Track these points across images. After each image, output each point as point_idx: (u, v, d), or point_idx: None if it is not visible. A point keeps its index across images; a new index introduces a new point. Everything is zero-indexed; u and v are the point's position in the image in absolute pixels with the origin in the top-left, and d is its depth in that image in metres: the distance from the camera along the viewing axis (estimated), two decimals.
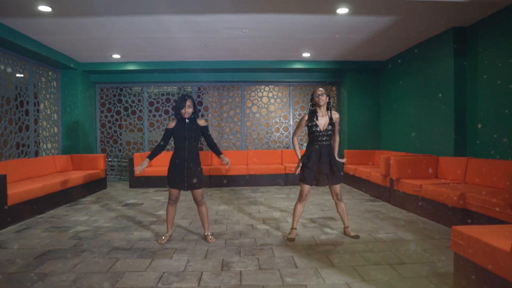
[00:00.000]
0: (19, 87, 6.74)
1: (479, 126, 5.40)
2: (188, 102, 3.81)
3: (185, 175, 3.85)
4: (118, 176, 9.22)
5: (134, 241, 4.08)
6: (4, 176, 4.68)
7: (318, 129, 3.96)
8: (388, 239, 4.05)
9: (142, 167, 3.75)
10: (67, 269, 3.26)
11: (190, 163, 3.85)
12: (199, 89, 9.32)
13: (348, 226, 4.22)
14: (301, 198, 4.08)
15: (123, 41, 6.58)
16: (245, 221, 4.96)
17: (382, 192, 6.25)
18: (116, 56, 7.60)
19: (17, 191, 4.92)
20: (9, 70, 6.40)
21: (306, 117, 4.04)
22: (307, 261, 3.37)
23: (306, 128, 4.21)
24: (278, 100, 9.35)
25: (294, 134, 4.16)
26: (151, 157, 3.91)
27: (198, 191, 3.94)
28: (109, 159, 9.16)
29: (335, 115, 4.06)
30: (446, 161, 5.61)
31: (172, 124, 3.91)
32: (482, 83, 5.37)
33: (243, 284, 2.89)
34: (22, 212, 5.03)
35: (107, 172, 9.07)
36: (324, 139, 3.98)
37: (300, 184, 4.07)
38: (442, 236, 4.13)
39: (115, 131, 9.20)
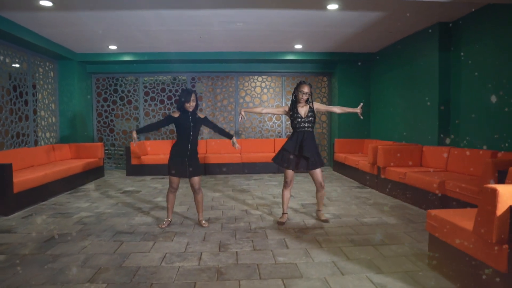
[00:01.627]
0: (18, 78, 6.89)
1: (457, 121, 5.73)
2: (193, 96, 4.06)
3: (187, 163, 4.12)
4: (115, 164, 9.44)
5: (136, 226, 4.35)
6: (10, 165, 4.90)
7: (299, 115, 4.20)
8: (373, 223, 4.38)
9: (135, 141, 4.14)
10: (76, 250, 3.53)
11: (192, 152, 4.13)
12: (193, 79, 9.50)
13: (320, 210, 4.51)
14: (285, 184, 4.33)
15: (120, 34, 6.74)
16: (240, 207, 5.26)
17: (370, 179, 6.58)
18: (112, 47, 7.76)
19: (22, 179, 5.14)
20: (7, 60, 6.54)
21: (287, 108, 4.35)
22: (298, 243, 3.68)
23: (288, 117, 4.43)
24: (271, 90, 9.59)
25: (266, 108, 4.47)
26: (139, 131, 4.20)
27: (196, 179, 4.22)
28: (106, 148, 9.37)
29: (316, 104, 4.36)
30: (430, 150, 5.94)
31: (176, 114, 4.12)
32: (465, 76, 5.67)
33: (239, 263, 3.19)
34: (27, 199, 5.27)
35: (104, 161, 9.29)
36: (305, 125, 4.20)
37: (284, 171, 4.29)
38: (422, 220, 4.47)
39: (111, 121, 9.39)
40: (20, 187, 5.09)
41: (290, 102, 4.37)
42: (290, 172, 4.26)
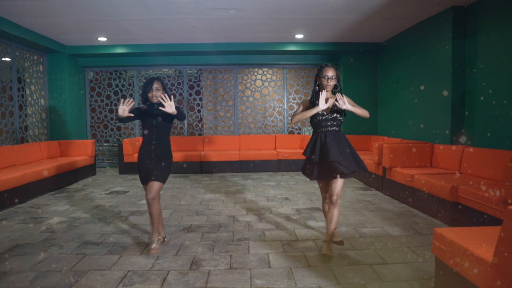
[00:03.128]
0: (0, 72, 6.51)
1: (467, 114, 5.12)
2: (156, 84, 3.32)
3: (151, 166, 3.37)
4: (109, 162, 9.06)
5: (107, 234, 3.92)
6: None
7: (321, 112, 3.25)
8: (374, 234, 3.84)
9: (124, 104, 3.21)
10: (29, 266, 3.10)
11: (158, 154, 3.37)
12: (191, 72, 9.03)
13: (330, 241, 3.29)
14: (323, 196, 3.49)
15: (107, 23, 6.30)
16: (228, 212, 4.78)
17: (375, 180, 6.03)
18: (102, 39, 7.32)
19: None
20: None
21: (307, 103, 3.40)
22: (283, 260, 3.18)
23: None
24: (272, 83, 9.05)
25: (292, 117, 3.37)
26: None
27: (154, 185, 3.31)
28: (99, 144, 8.99)
29: (346, 97, 3.23)
30: (442, 149, 5.35)
31: (144, 107, 3.46)
32: (482, 67, 5.05)
33: (208, 286, 2.71)
34: (1, 201, 4.89)
35: (98, 158, 8.93)
36: (328, 123, 3.25)
37: (319, 186, 3.50)
38: (431, 231, 3.92)
39: (106, 116, 9.00)
40: None
41: (311, 93, 3.44)
42: (321, 184, 3.43)
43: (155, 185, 3.30)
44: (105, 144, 9.03)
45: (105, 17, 5.91)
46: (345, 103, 3.11)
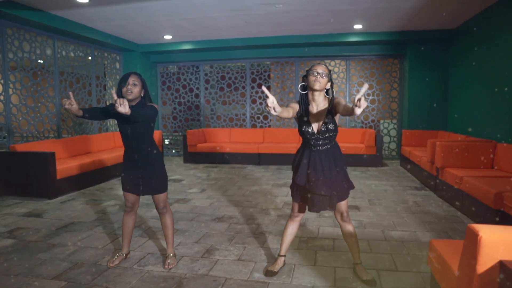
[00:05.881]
0: (81, 70, 7.43)
1: None
2: (133, 78, 2.76)
3: (140, 175, 2.93)
4: (178, 151, 9.77)
5: (146, 219, 4.33)
6: (53, 154, 5.28)
7: (310, 130, 2.62)
8: (401, 238, 3.66)
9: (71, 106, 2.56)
10: (72, 242, 3.61)
11: (142, 158, 2.91)
12: (252, 65, 9.25)
13: (359, 263, 2.84)
14: (292, 214, 2.91)
15: (169, 23, 6.79)
16: (264, 205, 4.91)
17: (429, 180, 5.63)
18: (167, 37, 7.89)
19: (66, 166, 5.54)
20: (71, 55, 7.08)
21: (297, 107, 2.69)
22: (291, 257, 3.22)
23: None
24: (334, 75, 8.84)
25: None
26: (85, 111, 2.75)
27: (160, 196, 3.00)
28: (169, 134, 9.73)
29: (337, 100, 2.58)
30: (506, 149, 4.79)
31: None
32: None
33: (209, 274, 2.90)
34: (72, 184, 5.66)
35: (168, 147, 9.67)
36: (320, 143, 2.64)
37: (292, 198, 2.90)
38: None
39: (175, 108, 9.69)
40: (64, 174, 5.48)
41: (299, 97, 2.73)
42: (298, 203, 2.86)
43: (160, 197, 3.01)
44: (174, 134, 9.75)
45: (166, 18, 6.38)
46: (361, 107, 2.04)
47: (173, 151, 9.78)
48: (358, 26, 7.06)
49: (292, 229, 2.93)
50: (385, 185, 6.02)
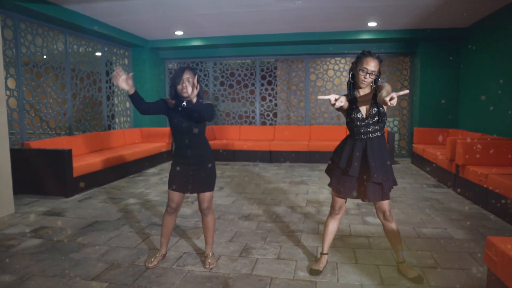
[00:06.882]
0: (91, 66, 7.30)
1: None
2: (187, 74, 2.70)
3: (191, 172, 2.89)
4: None
5: None
6: (70, 151, 5.18)
7: (360, 117, 2.60)
8: (433, 235, 3.64)
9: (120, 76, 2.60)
10: (103, 241, 3.53)
11: (196, 158, 2.87)
12: (262, 62, 9.18)
13: (403, 261, 2.79)
14: (332, 211, 2.86)
15: (182, 19, 6.68)
16: (288, 203, 4.87)
17: (447, 177, 5.62)
18: (179, 33, 7.79)
19: (82, 164, 5.43)
20: (81, 50, 6.95)
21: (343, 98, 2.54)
22: (331, 254, 3.18)
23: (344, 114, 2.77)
24: (344, 73, 8.81)
25: None
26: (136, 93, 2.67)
27: (205, 195, 2.94)
28: None
29: (387, 87, 2.51)
30: None
31: (171, 102, 2.82)
32: None
33: (253, 274, 2.85)
34: (87, 182, 5.55)
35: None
36: (370, 129, 2.61)
37: (332, 193, 2.87)
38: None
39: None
40: (80, 171, 5.37)
41: (347, 87, 2.68)
42: (340, 199, 2.80)
43: (206, 195, 2.95)
44: None
45: (179, 13, 6.29)
46: (394, 100, 2.22)
47: None
48: (372, 24, 7.03)
49: (333, 226, 2.90)
50: (402, 182, 6.00)
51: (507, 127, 5.66)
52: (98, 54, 7.45)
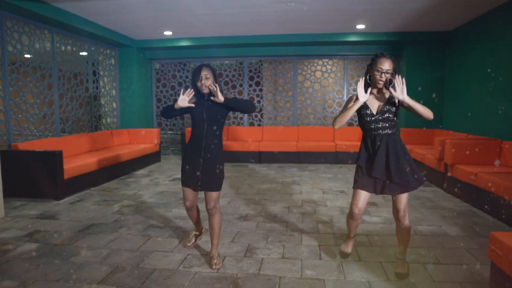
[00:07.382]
0: (78, 66, 7.15)
1: None
2: (205, 71, 2.83)
3: (201, 170, 2.95)
4: (173, 149, 9.58)
5: (170, 219, 4.23)
6: (60, 152, 5.06)
7: (369, 112, 2.71)
8: (430, 232, 3.75)
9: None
10: (102, 244, 3.48)
11: (208, 155, 2.93)
12: (250, 63, 9.20)
13: (403, 258, 2.86)
14: (353, 212, 2.85)
15: (173, 19, 6.62)
16: (283, 203, 4.90)
17: (436, 177, 5.79)
18: (167, 33, 7.72)
19: (72, 166, 5.31)
20: (68, 49, 6.80)
21: (354, 97, 2.75)
22: (334, 253, 3.24)
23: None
24: (332, 74, 8.93)
25: (334, 120, 2.75)
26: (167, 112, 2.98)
27: (212, 194, 2.96)
28: (163, 132, 9.53)
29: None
30: (510, 147, 4.99)
31: (193, 100, 2.95)
32: None
33: (261, 273, 2.87)
34: (78, 184, 5.44)
35: (162, 146, 9.47)
36: (379, 125, 2.68)
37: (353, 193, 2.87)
38: None
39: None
40: (71, 173, 5.26)
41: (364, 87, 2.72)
42: (361, 194, 2.79)
43: (213, 195, 2.96)
44: (169, 132, 9.56)
45: (171, 13, 6.23)
46: (403, 92, 2.49)
47: (169, 149, 9.59)
48: (360, 26, 7.16)
49: (354, 223, 2.96)
50: None
51: (490, 127, 5.88)
52: (85, 53, 7.30)
